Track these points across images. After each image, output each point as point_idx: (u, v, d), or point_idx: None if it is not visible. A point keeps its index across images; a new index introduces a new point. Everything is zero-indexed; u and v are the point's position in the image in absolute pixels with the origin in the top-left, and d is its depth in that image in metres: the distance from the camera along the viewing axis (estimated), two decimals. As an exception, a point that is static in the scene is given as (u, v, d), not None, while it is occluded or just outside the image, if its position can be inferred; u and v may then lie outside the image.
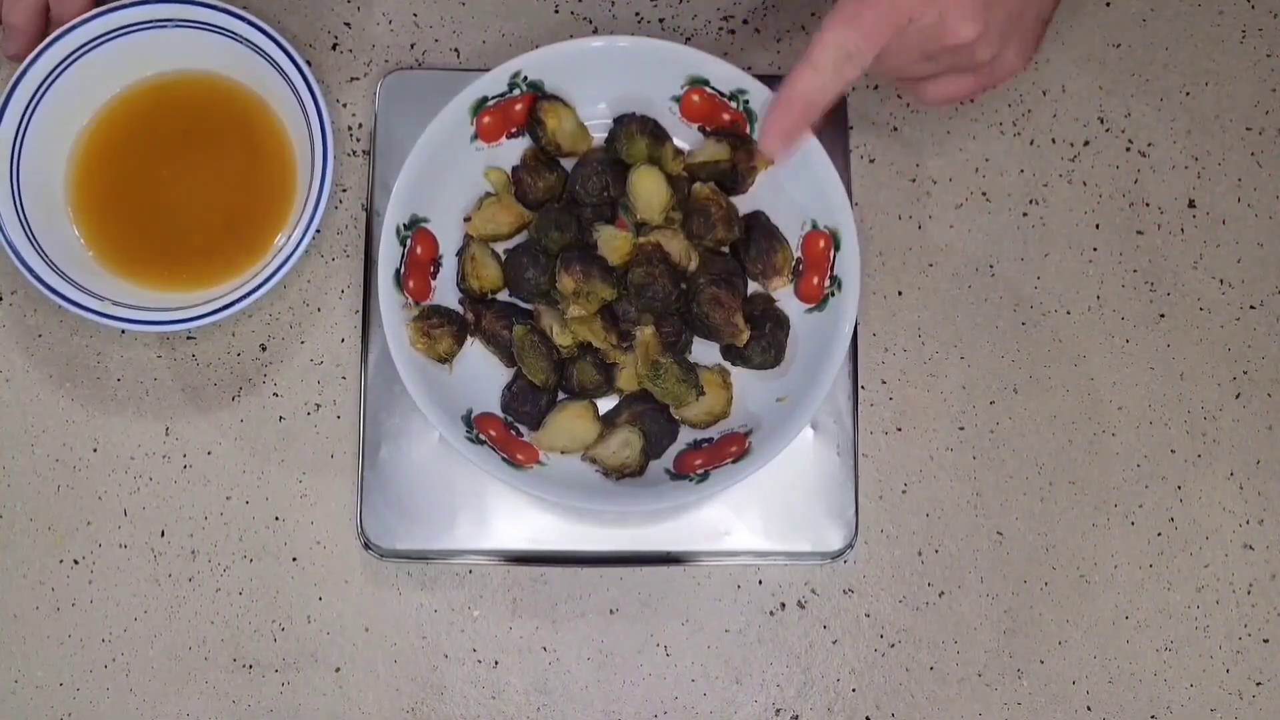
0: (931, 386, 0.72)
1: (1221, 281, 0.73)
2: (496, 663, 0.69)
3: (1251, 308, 0.73)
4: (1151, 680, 0.70)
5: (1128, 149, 0.74)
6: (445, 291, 0.68)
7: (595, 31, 0.74)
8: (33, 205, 0.67)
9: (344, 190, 0.72)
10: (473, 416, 0.66)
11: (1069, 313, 0.73)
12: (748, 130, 0.67)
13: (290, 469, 0.70)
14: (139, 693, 0.68)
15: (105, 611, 0.69)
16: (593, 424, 0.66)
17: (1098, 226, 0.74)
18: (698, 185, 0.68)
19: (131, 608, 0.69)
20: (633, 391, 0.67)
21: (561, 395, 0.68)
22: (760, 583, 0.70)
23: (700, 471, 0.65)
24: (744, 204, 0.69)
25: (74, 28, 0.67)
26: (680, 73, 0.67)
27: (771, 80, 0.66)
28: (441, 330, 0.65)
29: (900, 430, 0.71)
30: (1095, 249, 0.73)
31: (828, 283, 0.66)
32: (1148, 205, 0.74)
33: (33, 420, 0.70)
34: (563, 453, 0.66)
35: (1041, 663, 0.70)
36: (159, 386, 0.70)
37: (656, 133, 0.68)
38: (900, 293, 0.72)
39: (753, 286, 0.69)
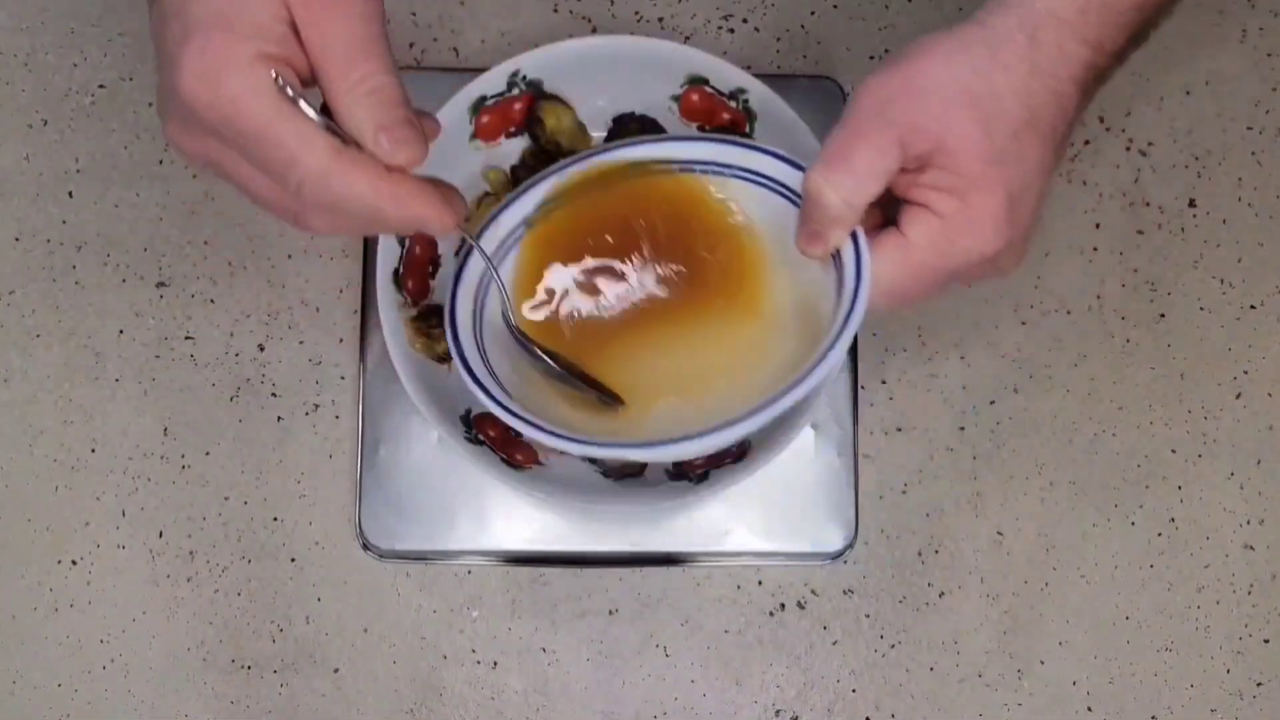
0: (931, 386, 0.72)
1: (1221, 281, 0.73)
2: (496, 663, 0.69)
3: (1251, 308, 0.73)
4: (1151, 680, 0.70)
5: (1128, 149, 0.74)
6: (444, 291, 0.68)
7: (595, 31, 0.74)
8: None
9: (343, 190, 0.72)
10: (471, 416, 0.65)
11: (1069, 313, 0.73)
12: (747, 129, 0.67)
13: (289, 469, 0.70)
14: (137, 694, 0.68)
15: (103, 612, 0.68)
16: (592, 424, 0.66)
17: (1098, 226, 0.73)
18: (697, 185, 0.67)
19: (130, 608, 0.68)
20: (632, 391, 0.67)
21: (561, 395, 0.68)
22: (760, 583, 0.70)
23: (700, 471, 0.65)
24: (744, 204, 0.69)
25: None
26: (680, 72, 0.67)
27: (771, 79, 0.65)
28: (440, 330, 0.65)
29: (900, 430, 0.71)
30: (1095, 249, 0.73)
31: (828, 282, 0.66)
32: (1148, 205, 0.74)
33: (31, 420, 0.70)
34: (562, 453, 0.66)
35: (1041, 663, 0.70)
36: (157, 387, 0.70)
37: (656, 132, 0.68)
38: (900, 292, 0.72)
39: (752, 286, 0.69)
